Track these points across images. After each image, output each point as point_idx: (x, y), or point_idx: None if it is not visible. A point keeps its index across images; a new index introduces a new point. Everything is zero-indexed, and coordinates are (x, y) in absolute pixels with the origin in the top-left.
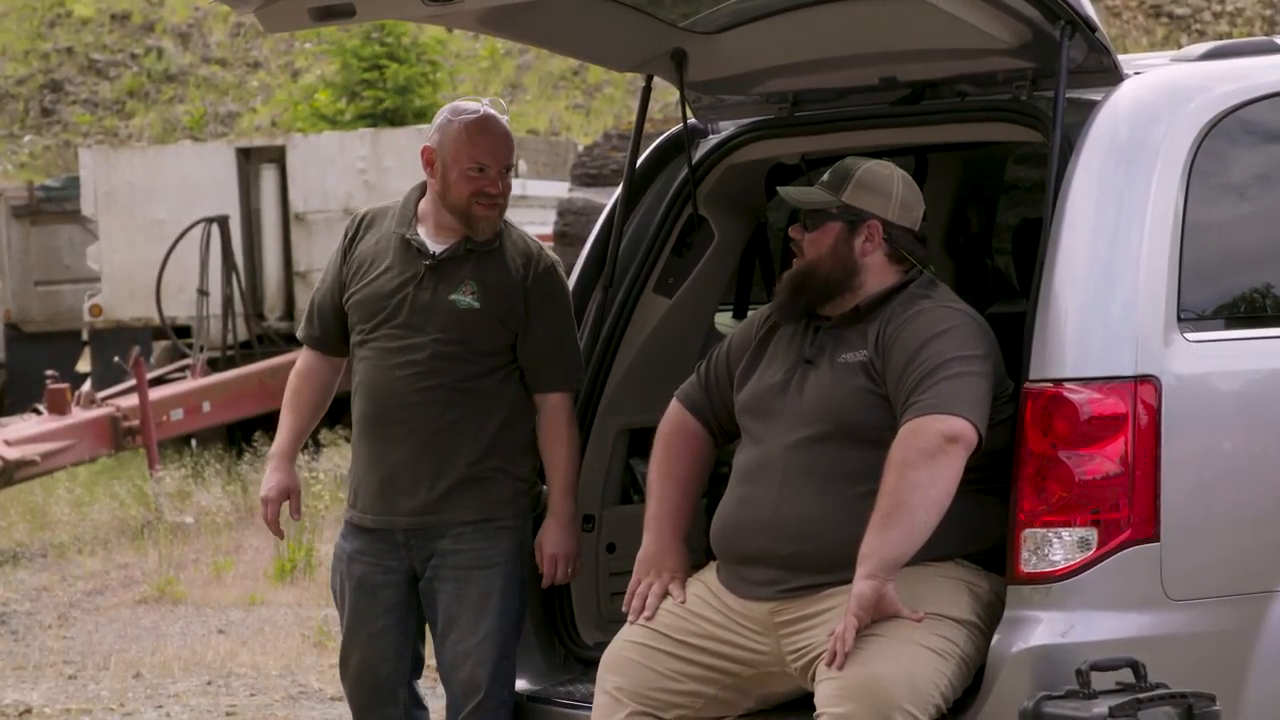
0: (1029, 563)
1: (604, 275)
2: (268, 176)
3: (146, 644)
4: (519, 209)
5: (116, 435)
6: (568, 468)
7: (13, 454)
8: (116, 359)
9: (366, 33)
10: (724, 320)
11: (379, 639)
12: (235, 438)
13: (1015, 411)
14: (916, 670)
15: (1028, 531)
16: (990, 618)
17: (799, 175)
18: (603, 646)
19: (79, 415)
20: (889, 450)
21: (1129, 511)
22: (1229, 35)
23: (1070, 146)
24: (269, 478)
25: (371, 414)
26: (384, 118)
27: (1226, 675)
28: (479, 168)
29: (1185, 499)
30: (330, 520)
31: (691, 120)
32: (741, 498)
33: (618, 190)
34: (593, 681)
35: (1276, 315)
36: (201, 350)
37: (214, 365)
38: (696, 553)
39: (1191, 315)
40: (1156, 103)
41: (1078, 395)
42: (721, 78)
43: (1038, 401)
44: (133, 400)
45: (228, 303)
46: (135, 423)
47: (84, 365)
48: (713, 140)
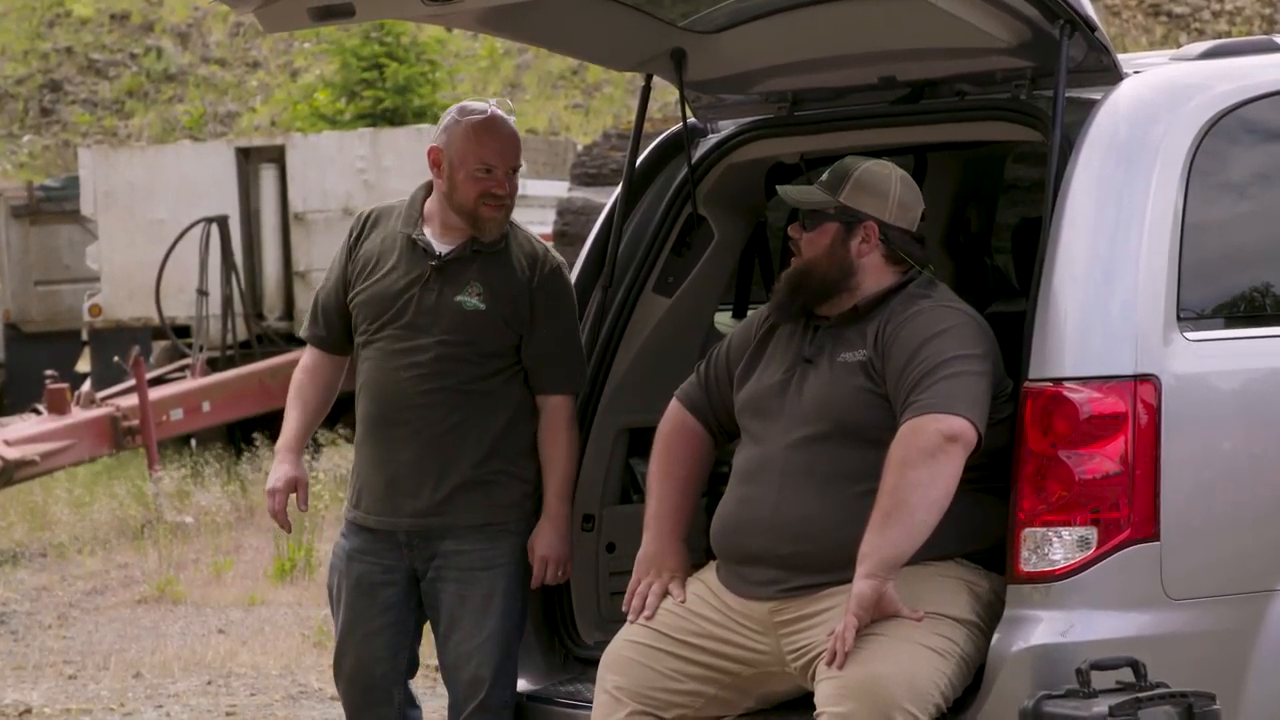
0: (1029, 562)
1: (603, 275)
2: (267, 176)
3: (146, 644)
4: (518, 208)
5: (116, 435)
6: (565, 470)
7: (12, 454)
8: (116, 359)
9: (366, 32)
10: (723, 320)
11: (375, 638)
12: (235, 438)
13: (1015, 411)
14: (917, 669)
15: (1027, 531)
16: (990, 617)
17: (798, 174)
18: (603, 646)
19: (79, 415)
20: (888, 450)
21: (1129, 511)
22: (1228, 34)
23: (1070, 145)
24: (276, 470)
25: (375, 415)
26: (383, 117)
27: (1226, 674)
28: (486, 169)
29: (1185, 498)
30: (330, 520)
31: (691, 120)
32: (741, 497)
33: (617, 190)
34: (593, 681)
35: (1276, 314)
36: (201, 350)
37: (213, 365)
38: (696, 552)
39: (1191, 314)
40: (1156, 102)
41: (1077, 394)
42: (721, 77)
43: (1037, 401)
44: (132, 400)
45: (227, 303)
46: (135, 423)
47: (83, 365)
48: (712, 140)
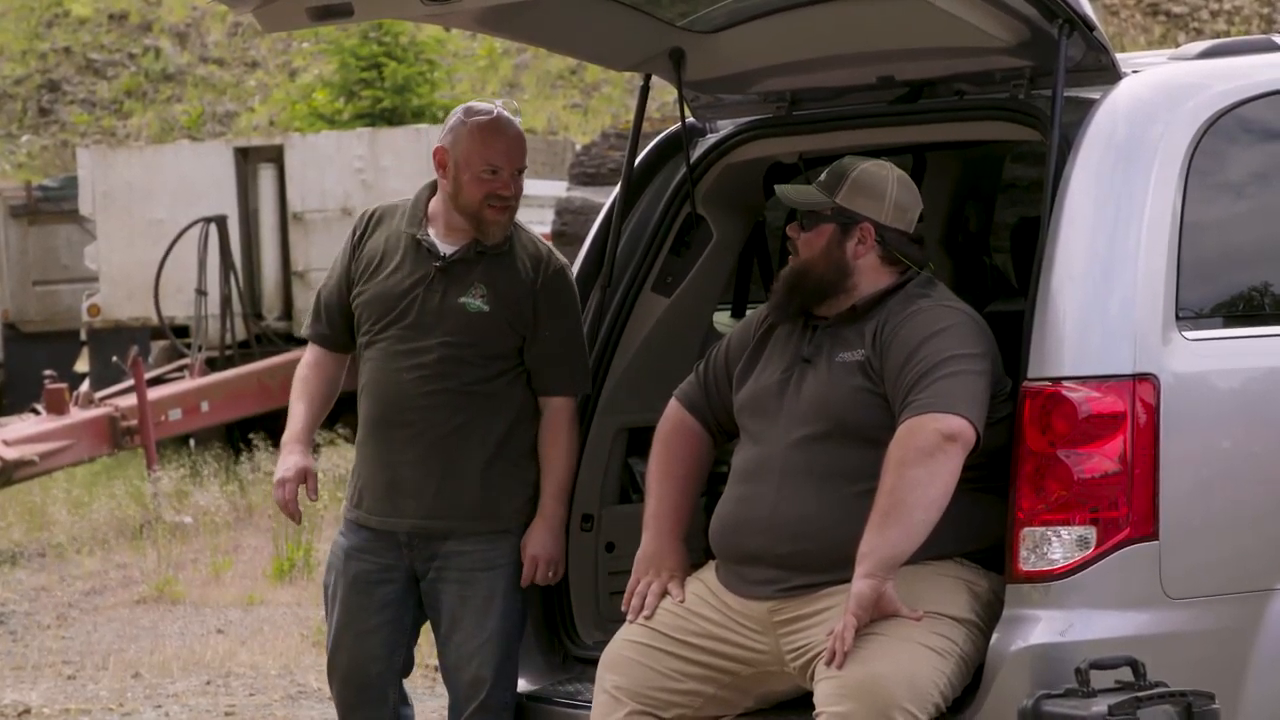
0: (1028, 561)
1: (602, 274)
2: (266, 176)
3: (145, 644)
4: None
5: (115, 435)
6: (563, 472)
7: (11, 454)
8: (115, 359)
9: (364, 32)
10: (722, 319)
11: (371, 636)
12: (234, 438)
13: (1014, 410)
14: (916, 669)
15: (1026, 530)
16: (989, 616)
17: (797, 174)
18: (602, 646)
19: (77, 415)
20: (887, 449)
21: (1128, 510)
22: (1227, 33)
23: (1068, 145)
24: (285, 460)
25: (378, 416)
26: (382, 117)
27: (1225, 673)
28: (492, 170)
29: (1184, 497)
30: (329, 520)
31: (690, 119)
32: (740, 497)
33: (616, 189)
34: (592, 681)
35: (1275, 313)
36: (200, 350)
37: (212, 365)
38: (696, 552)
39: (1190, 313)
40: (1155, 101)
41: (1076, 394)
42: (719, 77)
43: (1036, 400)
44: (131, 400)
45: (226, 302)
46: (133, 423)
47: (82, 365)
48: (711, 139)
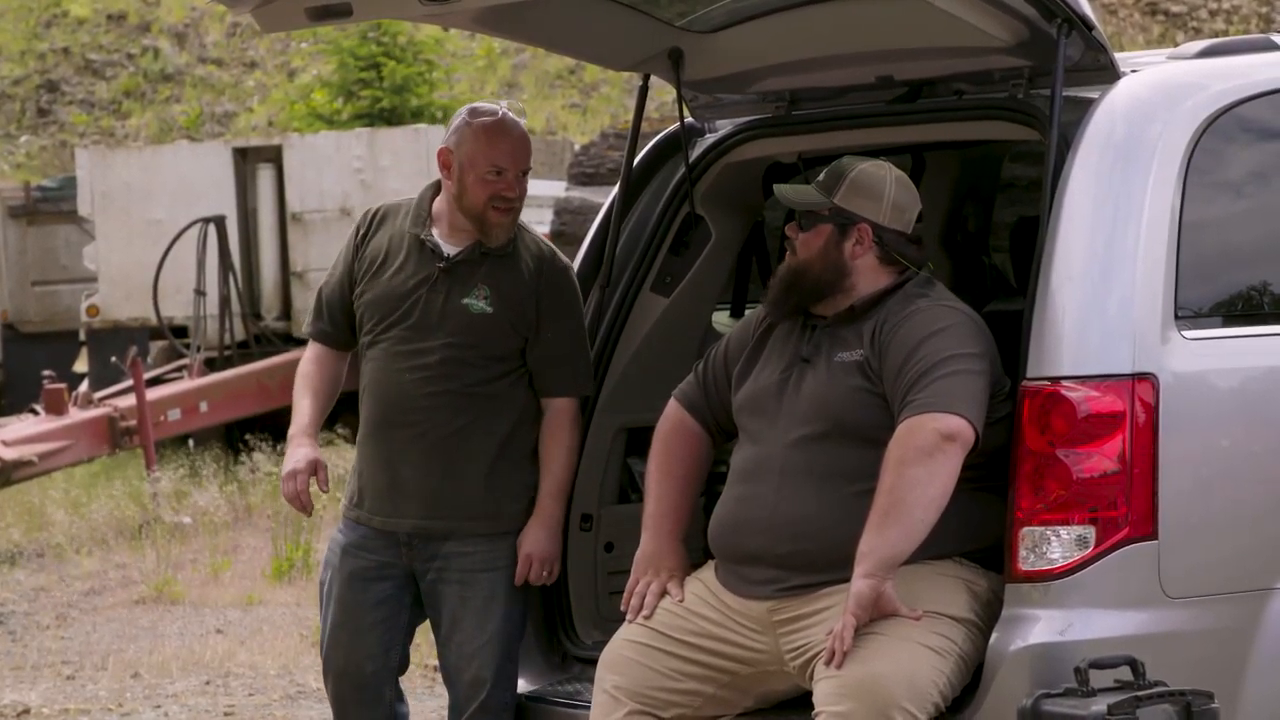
0: (1027, 561)
1: (601, 274)
2: (264, 176)
3: (144, 644)
4: None
5: (114, 435)
6: (561, 471)
7: (10, 454)
8: (114, 359)
9: (363, 32)
10: (721, 319)
11: (368, 633)
12: (233, 438)
13: (1013, 409)
14: (915, 669)
15: (1026, 529)
16: (989, 616)
17: (796, 174)
18: (601, 646)
19: (76, 415)
20: (886, 449)
21: (1127, 509)
22: (1225, 33)
23: (1067, 144)
24: (293, 453)
25: (379, 416)
26: (381, 117)
27: (1225, 673)
28: (496, 171)
29: (1183, 497)
30: (328, 520)
31: (689, 119)
32: (739, 497)
33: (615, 189)
34: (591, 681)
35: (1274, 312)
36: (199, 350)
37: (211, 365)
38: (695, 552)
39: (1189, 313)
40: (1153, 100)
41: (1075, 393)
42: (718, 76)
43: (1035, 399)
44: (130, 400)
45: (225, 303)
46: (132, 423)
47: (81, 365)
48: (710, 139)
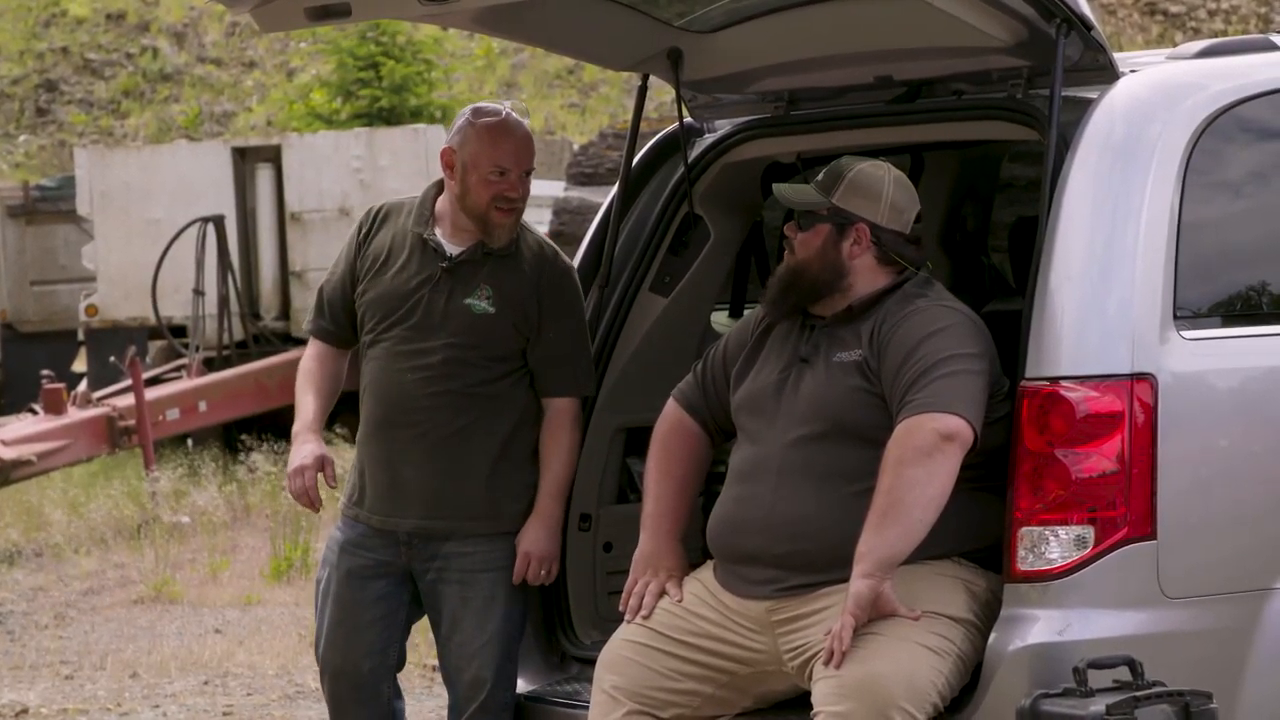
0: (1026, 561)
1: (600, 274)
2: (263, 176)
3: (143, 644)
4: None
5: (112, 435)
6: (561, 469)
7: (9, 454)
8: (112, 359)
9: (362, 32)
10: (720, 319)
11: (366, 631)
12: (231, 437)
13: (1011, 409)
14: (914, 669)
15: (1024, 530)
16: (987, 616)
17: (795, 174)
18: (600, 645)
19: (75, 415)
20: (885, 449)
21: (1126, 509)
22: (1224, 33)
23: (1066, 144)
24: (300, 449)
25: (380, 416)
26: (379, 117)
27: (1223, 673)
28: (500, 171)
29: (1182, 497)
30: (327, 520)
31: (687, 119)
32: (738, 497)
33: (614, 189)
34: (590, 681)
35: (1273, 313)
36: (197, 350)
37: (210, 365)
38: (693, 552)
39: (1188, 313)
40: (1152, 100)
41: (1074, 393)
42: (717, 76)
43: (1034, 399)
44: (129, 400)
45: (223, 302)
46: (131, 422)
47: (80, 365)
48: (709, 139)
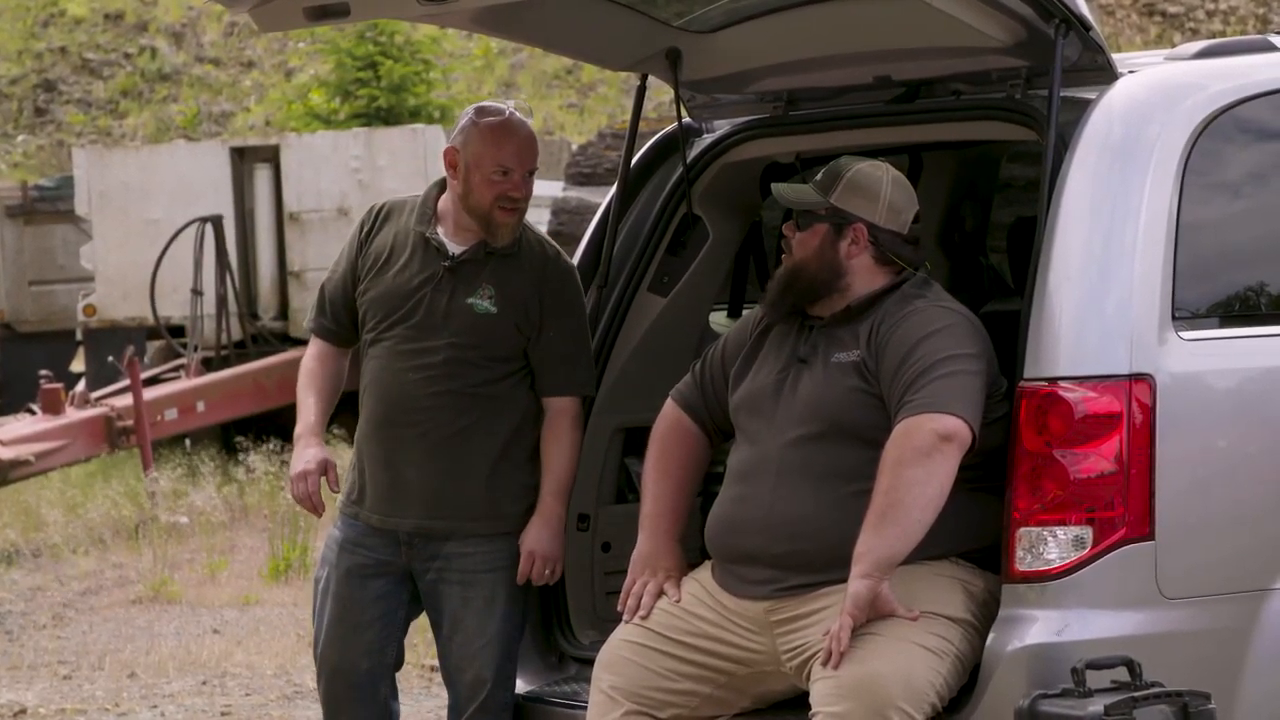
0: (1024, 561)
1: (599, 274)
2: (262, 176)
3: (141, 644)
4: None
5: (111, 435)
6: (563, 469)
7: (7, 454)
8: (111, 359)
9: (360, 32)
10: (719, 319)
11: (364, 630)
12: (230, 437)
13: (1010, 410)
14: (912, 669)
15: (1023, 530)
16: (986, 616)
17: (794, 174)
18: (598, 646)
19: (73, 415)
20: (883, 449)
21: (1124, 510)
22: (1222, 33)
23: (1065, 145)
24: (303, 453)
25: (381, 416)
26: (378, 117)
27: (1222, 673)
28: (503, 171)
29: (1180, 497)
30: (326, 521)
31: (686, 119)
32: (736, 497)
33: (612, 189)
34: (588, 681)
35: (1271, 313)
36: (196, 350)
37: (208, 365)
38: (691, 552)
39: (1186, 313)
40: (1151, 101)
41: (1072, 394)
42: (716, 77)
43: (1032, 400)
44: (127, 400)
45: (222, 302)
46: (129, 422)
47: (78, 365)
48: (707, 139)
